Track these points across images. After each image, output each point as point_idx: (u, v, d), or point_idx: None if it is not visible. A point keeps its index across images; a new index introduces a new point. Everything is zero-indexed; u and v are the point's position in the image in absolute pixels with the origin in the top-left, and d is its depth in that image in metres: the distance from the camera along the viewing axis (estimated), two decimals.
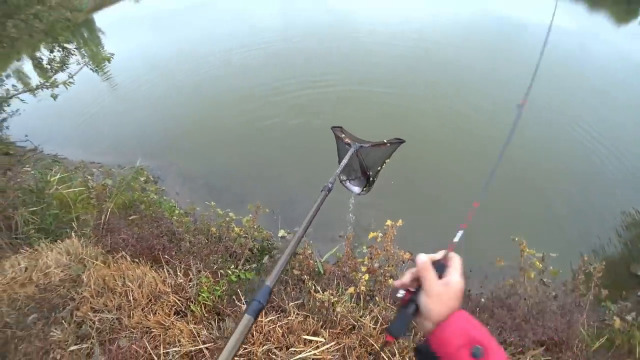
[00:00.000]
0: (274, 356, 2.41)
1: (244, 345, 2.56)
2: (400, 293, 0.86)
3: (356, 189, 1.74)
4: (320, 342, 2.45)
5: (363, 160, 1.65)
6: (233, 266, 3.30)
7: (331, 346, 2.42)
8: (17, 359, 3.10)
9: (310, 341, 2.46)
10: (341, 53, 11.72)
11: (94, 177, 6.64)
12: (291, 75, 10.31)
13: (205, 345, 2.63)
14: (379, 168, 1.68)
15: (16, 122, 7.90)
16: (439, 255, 0.87)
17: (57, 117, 9.18)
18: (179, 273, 3.21)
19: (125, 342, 2.84)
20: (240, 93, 9.75)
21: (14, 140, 7.79)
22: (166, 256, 3.35)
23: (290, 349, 2.42)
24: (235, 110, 8.95)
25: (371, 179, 1.72)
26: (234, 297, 2.93)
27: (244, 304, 2.78)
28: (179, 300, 2.99)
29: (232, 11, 19.06)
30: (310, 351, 2.38)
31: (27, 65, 11.14)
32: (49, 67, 6.41)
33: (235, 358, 2.32)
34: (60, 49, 6.41)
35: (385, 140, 1.63)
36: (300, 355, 2.37)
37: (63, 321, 3.11)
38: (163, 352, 2.64)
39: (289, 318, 2.63)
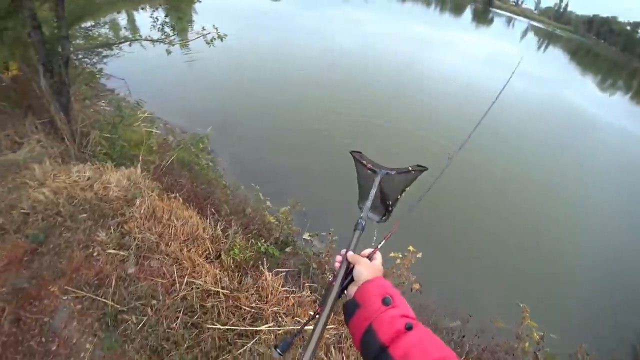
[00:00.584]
0: (280, 318, 2.72)
1: (256, 302, 2.89)
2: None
3: (375, 217, 1.56)
4: None
5: (383, 187, 1.56)
6: (263, 240, 3.67)
7: (331, 328, 2.70)
8: (58, 242, 3.54)
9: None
10: (408, 95, 12.53)
11: (158, 129, 7.30)
12: (357, 100, 11.13)
13: (223, 291, 2.96)
14: (398, 196, 1.56)
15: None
16: (367, 251, 1.17)
17: (139, 66, 10.07)
18: (218, 228, 3.61)
19: (157, 263, 3.22)
20: (305, 101, 10.55)
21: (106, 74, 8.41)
22: (212, 210, 3.76)
23: (295, 318, 2.72)
24: (296, 115, 9.67)
25: (390, 208, 1.58)
26: (259, 262, 3.27)
27: (266, 271, 3.11)
28: (212, 248, 3.36)
29: (318, 29, 20.78)
30: (312, 325, 2.66)
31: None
32: (159, 26, 7.15)
33: (247, 307, 2.67)
34: (176, 16, 7.19)
35: (409, 168, 1.52)
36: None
37: (111, 228, 3.54)
38: (186, 282, 2.99)
39: (303, 293, 2.95)
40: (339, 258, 1.12)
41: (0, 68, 5.41)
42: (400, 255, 3.20)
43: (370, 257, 1.14)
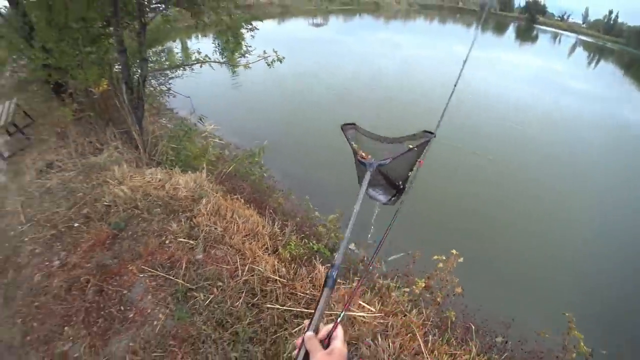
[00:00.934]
0: (332, 304, 3.00)
1: (310, 290, 3.19)
2: None
3: (382, 198, 1.43)
4: (371, 310, 2.97)
5: (387, 172, 1.39)
6: (315, 240, 4.01)
7: (378, 316, 2.93)
8: (136, 230, 4.05)
9: (363, 307, 3.00)
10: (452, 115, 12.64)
11: (214, 143, 7.98)
12: (396, 117, 11.50)
13: (280, 279, 3.28)
14: (409, 174, 1.39)
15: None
16: (327, 329, 0.97)
17: (198, 89, 10.99)
18: (276, 226, 3.99)
19: (221, 252, 3.61)
20: (345, 120, 11.02)
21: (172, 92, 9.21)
22: (270, 211, 4.16)
23: (346, 305, 2.99)
24: (338, 133, 10.10)
25: (401, 187, 1.42)
26: (312, 258, 3.60)
27: (319, 265, 3.43)
28: (270, 243, 3.73)
29: (358, 53, 21.62)
30: (361, 314, 2.93)
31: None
32: (219, 51, 7.87)
33: (301, 293, 2.98)
34: (234, 43, 7.89)
35: (410, 146, 1.33)
36: (352, 313, 2.93)
37: (181, 221, 4.00)
38: (248, 268, 3.35)
39: (353, 285, 3.23)
40: (298, 341, 0.95)
41: (92, 84, 6.20)
42: (444, 258, 3.39)
43: (329, 338, 0.94)
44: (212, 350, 2.83)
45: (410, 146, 1.34)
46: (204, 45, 7.71)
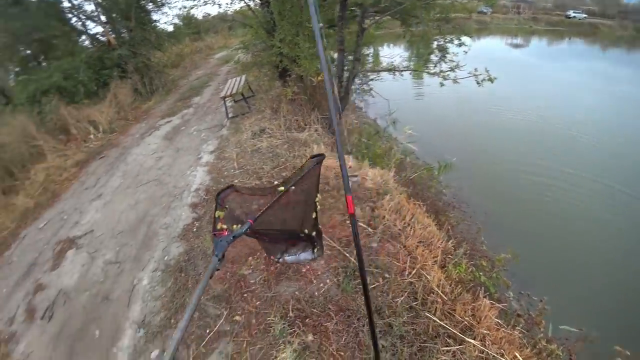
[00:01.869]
0: (487, 342, 2.92)
1: (469, 318, 3.15)
2: None
3: (306, 256, 1.19)
4: None
5: (286, 228, 1.14)
6: (482, 274, 3.93)
7: None
8: (324, 203, 4.57)
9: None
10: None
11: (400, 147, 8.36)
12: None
13: (442, 296, 3.33)
14: (314, 216, 1.06)
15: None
16: None
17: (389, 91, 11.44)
18: (450, 243, 4.05)
19: (394, 249, 3.84)
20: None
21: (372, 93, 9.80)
22: (449, 226, 4.23)
23: (500, 348, 2.87)
24: (527, 163, 9.13)
25: (312, 234, 1.12)
26: (477, 288, 3.54)
27: (484, 298, 3.35)
28: (440, 258, 3.80)
29: (562, 83, 18.93)
30: None
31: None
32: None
33: (460, 317, 2.91)
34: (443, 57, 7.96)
35: (281, 188, 1.08)
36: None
37: (365, 208, 4.40)
38: (416, 272, 3.50)
39: (514, 332, 3.09)
40: None
41: (313, 74, 7.17)
42: (628, 354, 2.85)
43: None
44: (363, 330, 3.07)
45: (281, 188, 1.13)
46: (389, 53, 7.88)
